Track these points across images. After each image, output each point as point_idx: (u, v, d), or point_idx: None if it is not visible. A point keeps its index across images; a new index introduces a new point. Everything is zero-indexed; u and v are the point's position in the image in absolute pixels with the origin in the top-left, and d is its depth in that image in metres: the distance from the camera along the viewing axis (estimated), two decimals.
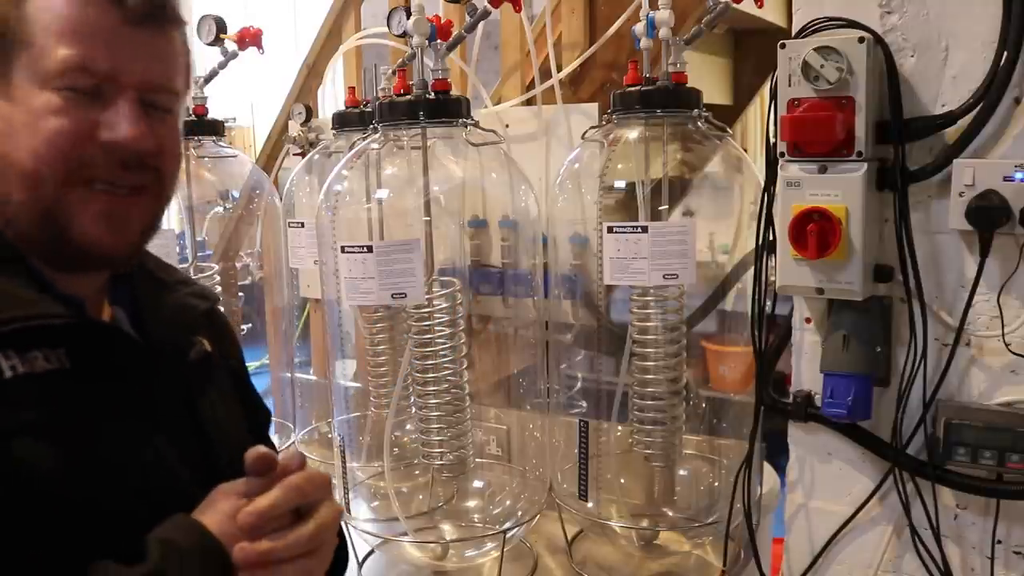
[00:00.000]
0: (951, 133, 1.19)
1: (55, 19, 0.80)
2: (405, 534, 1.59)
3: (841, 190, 1.21)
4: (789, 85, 1.22)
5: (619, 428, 1.69)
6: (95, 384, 0.82)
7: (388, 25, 1.80)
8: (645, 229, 1.42)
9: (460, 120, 1.52)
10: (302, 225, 1.92)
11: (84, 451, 0.79)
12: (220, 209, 2.23)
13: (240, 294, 2.24)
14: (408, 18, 1.49)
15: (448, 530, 1.69)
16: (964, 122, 1.18)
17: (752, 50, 2.86)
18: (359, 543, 1.63)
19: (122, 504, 0.80)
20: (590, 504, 1.62)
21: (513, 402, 1.83)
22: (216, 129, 1.99)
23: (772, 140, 1.28)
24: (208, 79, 2.00)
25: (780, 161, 1.26)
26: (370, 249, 1.43)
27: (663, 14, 1.45)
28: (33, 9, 0.80)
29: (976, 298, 1.20)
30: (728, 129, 1.54)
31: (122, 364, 0.85)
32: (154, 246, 1.77)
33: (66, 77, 0.79)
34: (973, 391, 1.24)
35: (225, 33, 1.99)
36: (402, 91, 1.60)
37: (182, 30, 0.88)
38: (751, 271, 1.39)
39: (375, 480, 1.79)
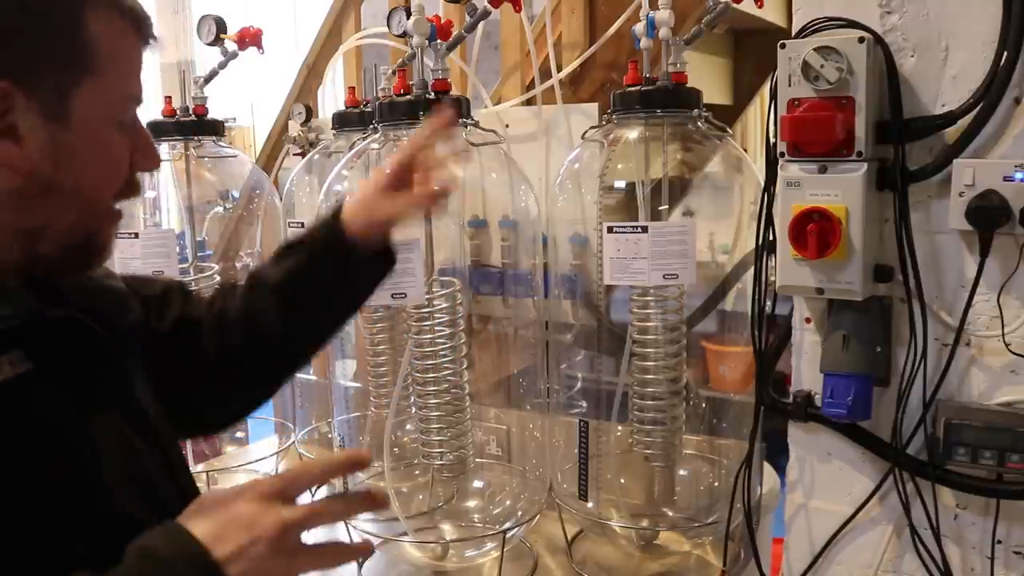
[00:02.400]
0: (951, 133, 1.19)
1: (121, 52, 0.80)
2: (405, 534, 1.59)
3: (841, 190, 1.21)
4: (789, 85, 1.22)
5: (619, 428, 1.69)
6: (60, 382, 0.79)
7: (388, 25, 1.80)
8: (645, 229, 1.42)
9: (460, 120, 1.52)
10: (302, 225, 1.92)
11: (63, 456, 0.77)
12: (220, 209, 2.23)
13: None
14: (408, 18, 1.50)
15: (448, 530, 1.69)
16: (964, 122, 1.17)
17: (752, 50, 2.86)
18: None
19: (108, 505, 0.79)
20: (590, 504, 1.62)
21: (513, 402, 1.83)
22: (216, 129, 1.99)
23: (772, 140, 1.28)
24: (208, 79, 2.00)
25: (780, 161, 1.26)
26: None
27: (663, 14, 1.45)
28: (96, 36, 0.78)
29: (976, 298, 1.20)
30: (728, 129, 1.54)
31: (84, 355, 0.83)
32: (154, 246, 1.80)
33: (126, 111, 0.83)
34: (973, 391, 1.24)
35: (225, 33, 1.99)
36: (402, 91, 1.61)
37: None
38: (751, 271, 1.39)
39: (375, 480, 1.79)
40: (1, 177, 0.75)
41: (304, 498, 0.77)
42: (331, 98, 2.33)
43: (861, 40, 1.17)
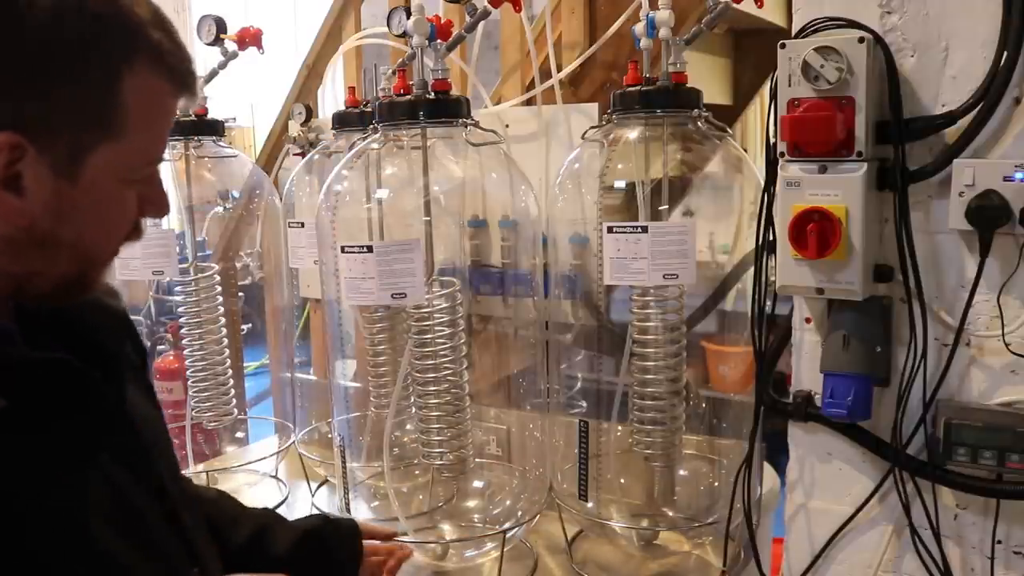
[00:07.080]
0: (951, 133, 1.19)
1: (152, 115, 0.77)
2: (405, 534, 1.59)
3: (841, 190, 1.21)
4: (789, 85, 1.22)
5: (619, 428, 1.69)
6: (41, 425, 0.75)
7: (388, 25, 1.80)
8: (645, 229, 1.42)
9: (460, 120, 1.52)
10: (302, 225, 1.92)
11: (33, 503, 0.72)
12: (220, 209, 2.23)
13: (240, 294, 2.24)
14: (408, 18, 1.50)
15: (448, 530, 1.69)
16: (964, 122, 1.18)
17: (752, 50, 2.86)
18: None
19: (81, 547, 0.75)
20: (590, 504, 1.62)
21: (513, 402, 1.83)
22: (216, 129, 1.99)
23: (772, 140, 1.28)
24: (208, 79, 2.00)
25: (780, 161, 1.26)
26: (370, 249, 1.43)
27: (663, 14, 1.45)
28: (130, 99, 0.73)
29: (976, 298, 1.20)
30: (728, 129, 1.54)
31: (63, 392, 0.78)
32: (154, 246, 1.80)
33: (144, 172, 0.79)
34: (973, 391, 1.24)
35: (225, 33, 1.99)
36: (402, 91, 1.60)
37: None
38: (751, 271, 1.39)
39: (375, 480, 1.79)
40: None
41: (304, 497, 0.79)
42: (331, 98, 2.33)
43: (861, 40, 1.18)
